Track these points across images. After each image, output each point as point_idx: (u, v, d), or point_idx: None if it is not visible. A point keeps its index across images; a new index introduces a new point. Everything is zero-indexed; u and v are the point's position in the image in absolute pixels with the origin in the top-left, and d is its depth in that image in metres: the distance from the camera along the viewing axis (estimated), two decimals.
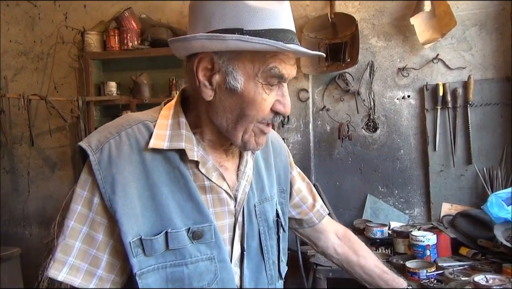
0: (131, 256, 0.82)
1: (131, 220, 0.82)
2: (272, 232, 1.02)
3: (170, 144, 0.87)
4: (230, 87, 0.85)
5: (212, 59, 0.85)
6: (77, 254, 0.83)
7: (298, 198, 1.20)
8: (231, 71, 0.84)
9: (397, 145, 2.69)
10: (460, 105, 2.53)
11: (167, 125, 0.89)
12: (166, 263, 0.85)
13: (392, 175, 2.70)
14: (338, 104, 2.76)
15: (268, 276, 0.99)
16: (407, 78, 2.66)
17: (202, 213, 0.87)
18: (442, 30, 2.52)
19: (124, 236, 0.81)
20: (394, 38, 2.67)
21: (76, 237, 0.83)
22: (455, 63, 2.59)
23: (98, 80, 2.99)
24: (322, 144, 2.80)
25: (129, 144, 0.86)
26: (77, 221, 0.84)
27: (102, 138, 0.86)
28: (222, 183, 0.92)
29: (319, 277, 2.11)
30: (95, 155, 0.84)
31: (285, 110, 0.89)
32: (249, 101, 0.85)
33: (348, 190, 2.76)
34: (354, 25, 2.61)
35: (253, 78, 0.84)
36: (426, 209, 2.65)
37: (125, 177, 0.83)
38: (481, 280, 1.61)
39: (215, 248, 0.88)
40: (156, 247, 0.83)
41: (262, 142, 0.92)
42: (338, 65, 2.67)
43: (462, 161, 2.55)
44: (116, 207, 0.82)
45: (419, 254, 2.02)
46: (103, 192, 0.82)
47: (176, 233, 0.84)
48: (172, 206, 0.85)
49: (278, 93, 0.88)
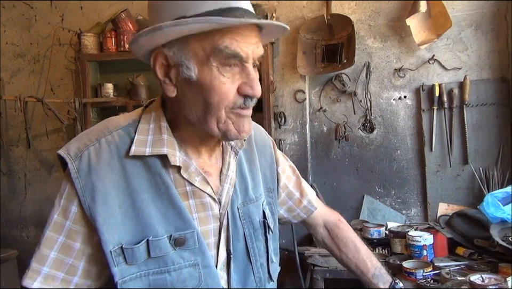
0: (112, 265, 0.81)
1: (112, 229, 0.81)
2: (258, 234, 1.00)
3: (152, 149, 0.85)
4: (185, 77, 0.82)
5: (164, 54, 0.84)
6: (52, 264, 0.82)
7: (285, 194, 1.18)
8: (183, 60, 0.82)
9: (393, 145, 2.70)
10: (456, 106, 2.54)
11: (148, 129, 0.88)
12: (149, 271, 0.84)
13: (389, 175, 2.71)
14: (335, 105, 2.77)
15: (256, 279, 0.97)
16: (403, 78, 2.67)
17: (184, 219, 0.86)
18: (438, 30, 2.53)
19: (105, 245, 0.80)
20: (390, 39, 2.68)
21: (51, 246, 0.82)
22: (451, 63, 2.60)
23: (95, 82, 2.99)
24: (319, 145, 2.81)
25: (109, 151, 0.84)
26: (52, 230, 0.83)
27: (81, 146, 0.85)
28: (206, 187, 0.90)
29: (317, 277, 2.11)
30: (74, 163, 0.83)
31: (253, 92, 0.83)
32: (207, 87, 0.81)
33: (345, 191, 2.77)
34: (351, 26, 2.62)
35: (205, 63, 0.81)
36: (423, 209, 2.65)
37: (105, 185, 0.82)
38: (477, 280, 1.62)
39: (199, 254, 0.87)
40: (138, 255, 0.82)
41: (244, 127, 0.87)
42: (335, 66, 2.67)
43: (458, 161, 2.56)
44: (96, 215, 0.80)
45: (416, 254, 2.03)
46: (83, 201, 0.81)
47: (157, 241, 0.83)
48: (153, 213, 0.84)
49: (242, 75, 0.83)
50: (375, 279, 1.17)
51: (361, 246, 1.22)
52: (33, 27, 3.13)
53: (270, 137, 1.19)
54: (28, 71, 3.14)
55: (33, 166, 3.15)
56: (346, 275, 2.05)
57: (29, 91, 3.03)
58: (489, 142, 2.53)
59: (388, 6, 2.68)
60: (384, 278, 1.18)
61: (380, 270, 1.19)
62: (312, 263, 2.16)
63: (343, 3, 2.72)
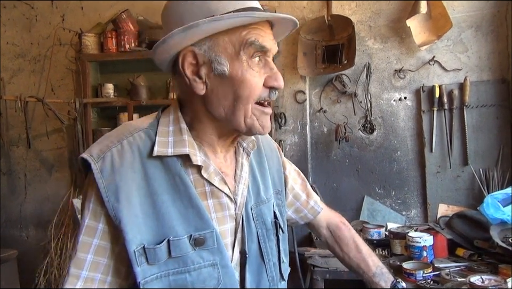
0: (135, 265, 0.82)
1: (134, 229, 0.82)
2: (270, 234, 1.01)
3: (174, 150, 0.87)
4: (218, 73, 0.86)
5: (194, 52, 0.87)
6: (90, 266, 0.84)
7: (292, 196, 1.21)
8: (215, 57, 0.86)
9: (393, 146, 2.70)
10: (456, 107, 2.55)
11: (168, 132, 0.90)
12: (169, 271, 0.85)
13: (389, 176, 2.71)
14: (335, 106, 2.77)
15: (269, 278, 0.99)
16: (403, 79, 2.67)
17: (203, 219, 0.87)
18: (438, 32, 2.53)
19: (129, 245, 0.81)
20: (390, 40, 2.68)
21: (87, 250, 0.84)
22: (451, 64, 2.60)
23: (95, 82, 2.99)
24: (319, 146, 2.81)
25: (131, 152, 0.86)
26: (86, 234, 0.84)
27: (103, 148, 0.87)
28: (224, 187, 0.92)
29: (316, 278, 2.11)
30: (97, 164, 0.84)
31: (279, 84, 0.89)
32: (239, 81, 0.86)
33: (345, 191, 2.77)
34: (351, 27, 2.62)
35: (236, 57, 0.86)
36: (423, 210, 2.66)
37: (128, 185, 0.83)
38: (477, 281, 1.62)
39: (218, 254, 0.88)
40: (159, 255, 0.83)
41: (266, 124, 0.91)
42: (335, 67, 2.68)
43: (458, 162, 2.56)
44: (121, 216, 0.82)
45: (416, 255, 2.03)
46: (106, 201, 0.82)
47: (178, 241, 0.84)
48: (173, 213, 0.85)
49: (266, 69, 0.89)
50: (376, 278, 1.19)
51: (362, 246, 1.25)
52: (33, 28, 3.13)
53: (275, 142, 1.23)
54: (28, 71, 3.15)
55: (33, 166, 3.16)
56: (346, 276, 2.05)
57: (30, 91, 3.03)
58: (489, 143, 2.53)
59: (388, 7, 2.68)
60: (386, 276, 1.19)
61: (382, 269, 1.21)
62: (312, 263, 2.16)
63: (344, 4, 2.73)
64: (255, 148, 1.02)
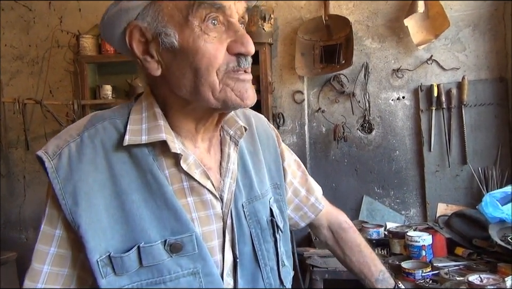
0: (99, 277, 0.71)
1: (98, 235, 0.71)
2: (266, 235, 0.89)
3: (148, 137, 0.76)
4: (166, 46, 0.73)
5: (138, 26, 0.74)
6: (47, 279, 0.74)
7: (291, 191, 1.09)
8: (161, 28, 0.73)
9: (392, 146, 2.70)
10: (454, 106, 2.55)
11: (141, 119, 0.78)
12: (142, 282, 0.73)
13: (388, 175, 2.71)
14: (334, 106, 2.77)
15: (266, 285, 0.87)
16: (401, 79, 2.67)
17: (180, 221, 0.76)
18: (436, 31, 2.53)
19: (90, 254, 0.71)
20: (388, 40, 2.68)
21: (43, 260, 0.75)
22: (449, 63, 2.60)
23: (93, 84, 2.99)
24: (318, 146, 2.81)
25: (92, 146, 0.75)
26: (42, 242, 0.76)
27: (60, 143, 0.76)
28: (206, 182, 0.80)
29: (316, 278, 2.11)
30: (52, 162, 0.74)
31: (246, 48, 0.74)
32: (193, 51, 0.72)
33: (344, 191, 2.77)
34: (349, 27, 2.62)
35: (185, 24, 0.72)
36: (422, 209, 2.66)
37: (89, 185, 0.73)
38: (475, 280, 1.62)
39: (199, 261, 0.76)
40: (128, 264, 0.72)
41: (246, 93, 0.76)
42: (333, 67, 2.68)
43: (457, 161, 2.56)
44: (79, 220, 0.71)
45: (415, 255, 2.03)
46: (63, 204, 0.72)
47: (150, 247, 0.73)
48: (144, 215, 0.74)
49: (229, 33, 0.75)
50: (378, 284, 1.12)
51: (366, 250, 1.16)
52: (31, 30, 3.13)
53: (274, 128, 1.09)
54: (26, 73, 3.14)
55: (32, 168, 3.15)
56: (345, 276, 2.05)
57: (28, 94, 3.02)
58: (487, 142, 2.53)
59: (385, 6, 2.68)
60: (388, 282, 1.14)
61: (384, 274, 1.14)
62: (311, 263, 2.16)
63: (341, 4, 2.73)
64: (243, 135, 0.88)
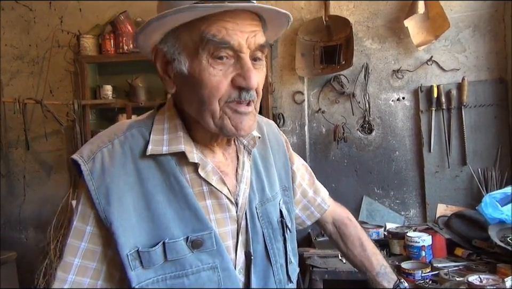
0: (129, 269, 0.79)
1: (127, 232, 0.79)
2: (277, 234, 0.97)
3: (169, 148, 0.84)
4: (178, 71, 0.81)
5: (162, 50, 0.83)
6: (78, 270, 0.81)
7: (300, 192, 1.17)
8: (177, 54, 0.81)
9: (392, 146, 2.70)
10: (454, 107, 2.55)
11: (163, 129, 0.86)
12: (166, 275, 0.81)
13: (388, 176, 2.71)
14: (334, 106, 2.78)
15: (276, 280, 0.94)
16: (401, 79, 2.68)
17: (200, 220, 0.83)
18: (436, 32, 2.53)
19: (121, 249, 0.78)
20: (388, 40, 2.69)
21: (74, 253, 0.81)
22: (449, 64, 2.61)
23: (94, 84, 2.99)
24: (318, 146, 2.81)
25: (122, 152, 0.83)
26: (74, 237, 0.82)
27: (94, 148, 0.84)
28: (223, 188, 0.87)
29: (315, 278, 2.11)
30: (87, 165, 0.81)
31: (247, 83, 0.78)
32: (197, 81, 0.79)
33: (344, 192, 2.77)
34: (349, 28, 2.62)
35: (195, 55, 0.79)
36: (422, 210, 2.66)
37: (119, 187, 0.80)
38: (475, 280, 1.62)
39: (217, 257, 0.84)
40: (154, 258, 0.80)
41: (243, 124, 0.82)
42: (333, 67, 2.68)
43: (456, 162, 2.57)
44: (112, 218, 0.79)
45: (414, 255, 2.03)
46: (97, 203, 0.79)
47: (174, 243, 0.81)
48: (168, 214, 0.82)
49: (236, 66, 0.79)
50: (379, 277, 1.16)
51: (367, 244, 1.22)
52: (32, 29, 3.13)
53: (283, 134, 1.16)
54: (27, 73, 3.15)
55: (32, 167, 3.16)
56: (345, 276, 2.05)
57: (28, 93, 3.02)
58: (487, 142, 2.53)
59: (386, 7, 2.69)
60: (389, 276, 1.17)
61: (385, 268, 1.18)
62: (311, 264, 2.16)
63: (341, 5, 2.73)
64: (256, 145, 0.96)
